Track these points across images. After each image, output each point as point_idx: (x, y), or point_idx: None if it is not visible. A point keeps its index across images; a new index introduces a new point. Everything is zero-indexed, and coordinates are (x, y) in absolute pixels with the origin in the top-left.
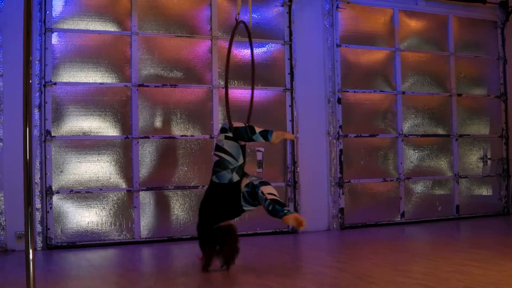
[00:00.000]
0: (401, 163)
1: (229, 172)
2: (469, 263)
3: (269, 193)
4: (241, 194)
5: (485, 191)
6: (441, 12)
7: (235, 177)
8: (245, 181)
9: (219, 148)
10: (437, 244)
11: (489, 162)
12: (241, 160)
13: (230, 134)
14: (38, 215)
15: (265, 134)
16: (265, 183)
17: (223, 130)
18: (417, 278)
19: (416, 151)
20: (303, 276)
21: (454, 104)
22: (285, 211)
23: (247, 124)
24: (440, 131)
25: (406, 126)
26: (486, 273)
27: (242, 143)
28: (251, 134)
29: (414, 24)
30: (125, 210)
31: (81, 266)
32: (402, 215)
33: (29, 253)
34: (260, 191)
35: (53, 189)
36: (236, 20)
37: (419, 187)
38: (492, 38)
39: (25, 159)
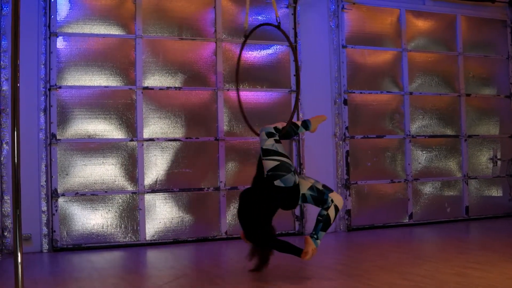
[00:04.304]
0: (409, 164)
1: (293, 174)
2: (471, 265)
3: (336, 205)
4: (301, 194)
5: (495, 192)
6: (449, 11)
7: (297, 179)
8: (306, 184)
9: (272, 152)
10: (442, 246)
11: (499, 162)
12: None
13: (277, 137)
14: (44, 218)
15: (306, 125)
16: (329, 189)
17: (270, 134)
18: (416, 280)
19: (424, 152)
20: (301, 278)
21: (463, 105)
22: (314, 236)
23: (287, 123)
24: (449, 131)
25: (414, 127)
26: (486, 276)
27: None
28: (296, 129)
29: (421, 24)
30: (131, 212)
31: (84, 268)
32: (410, 216)
33: (17, 256)
34: (330, 199)
35: (58, 192)
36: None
37: (427, 188)
38: (501, 37)
39: (13, 162)
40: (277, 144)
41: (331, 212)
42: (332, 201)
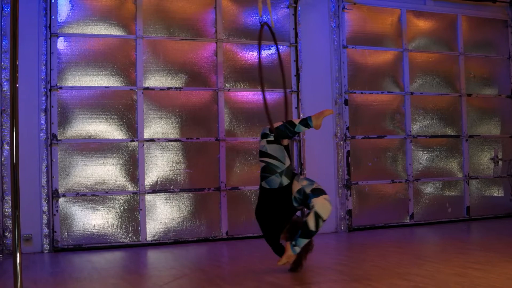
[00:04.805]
0: (410, 164)
1: (278, 176)
2: (471, 265)
3: (316, 212)
4: (292, 197)
5: (496, 192)
6: (450, 11)
7: (285, 181)
8: (297, 186)
9: (263, 153)
10: (443, 246)
11: (500, 162)
12: (287, 162)
13: (271, 138)
14: (44, 218)
15: (306, 122)
16: (317, 193)
17: (264, 135)
18: (416, 280)
19: (425, 152)
20: (300, 279)
21: (464, 105)
22: (293, 245)
23: (284, 121)
24: (450, 131)
25: (415, 127)
26: (486, 276)
27: (285, 143)
28: (292, 128)
29: (422, 24)
30: (131, 212)
31: (84, 269)
32: (411, 216)
33: (16, 256)
34: (311, 204)
35: (59, 192)
36: (260, 23)
37: (428, 189)
38: (502, 37)
39: (12, 163)
40: (269, 145)
41: (310, 219)
42: (312, 207)
